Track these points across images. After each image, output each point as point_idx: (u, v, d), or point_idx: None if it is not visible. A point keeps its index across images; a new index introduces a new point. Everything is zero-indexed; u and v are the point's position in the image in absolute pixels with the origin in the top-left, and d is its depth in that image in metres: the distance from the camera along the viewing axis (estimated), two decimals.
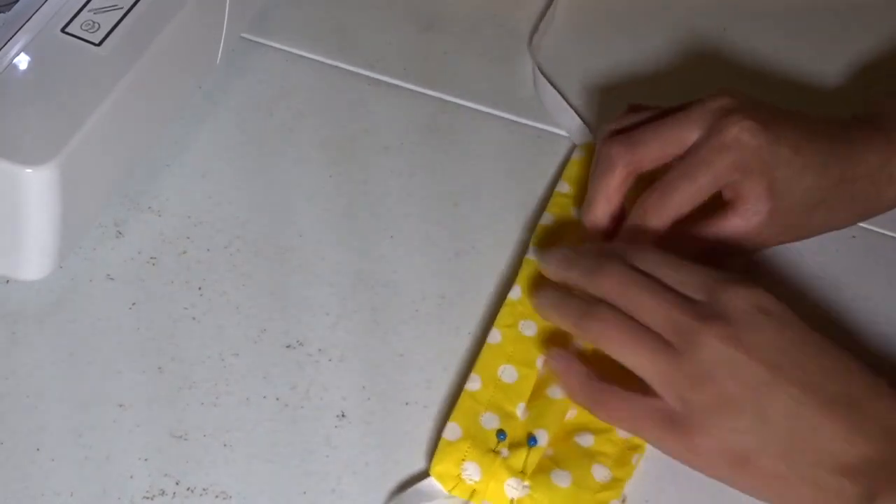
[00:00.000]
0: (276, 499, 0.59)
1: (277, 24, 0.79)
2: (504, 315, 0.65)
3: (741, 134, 0.64)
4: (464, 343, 0.65)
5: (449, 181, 0.73)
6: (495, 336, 0.64)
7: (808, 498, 0.56)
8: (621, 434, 0.61)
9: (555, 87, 0.77)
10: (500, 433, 0.60)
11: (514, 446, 0.60)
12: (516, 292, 0.66)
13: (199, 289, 0.66)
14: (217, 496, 0.59)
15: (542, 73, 0.78)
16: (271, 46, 0.78)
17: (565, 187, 0.71)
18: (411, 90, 0.77)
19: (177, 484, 0.59)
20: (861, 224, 0.72)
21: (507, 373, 0.63)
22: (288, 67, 0.77)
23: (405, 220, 0.70)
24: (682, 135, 0.66)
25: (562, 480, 0.59)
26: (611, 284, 0.60)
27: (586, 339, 0.61)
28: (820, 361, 0.57)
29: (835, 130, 0.68)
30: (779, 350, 0.57)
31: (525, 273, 0.67)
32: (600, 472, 0.60)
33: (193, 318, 0.65)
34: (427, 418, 0.62)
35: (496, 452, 0.60)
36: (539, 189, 0.72)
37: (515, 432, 0.61)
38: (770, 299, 0.58)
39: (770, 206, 0.65)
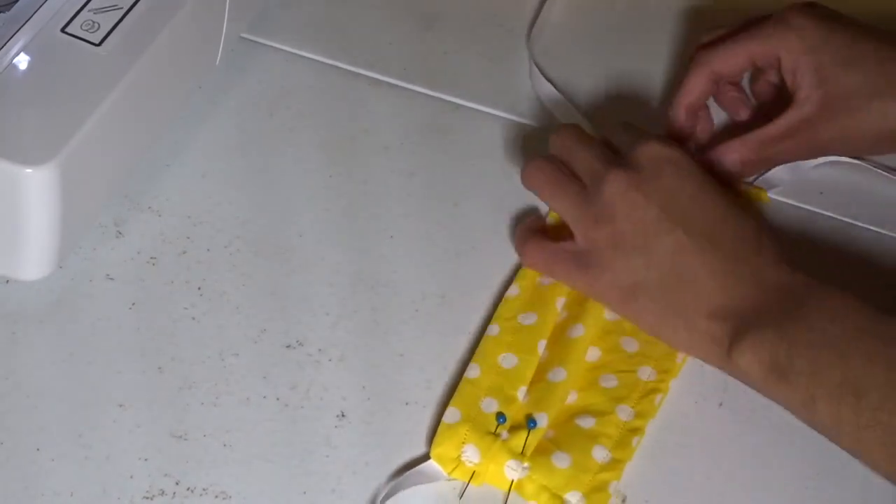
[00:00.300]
0: (276, 499, 0.59)
1: (277, 24, 0.79)
2: (503, 309, 0.65)
3: (799, 16, 0.69)
4: (464, 343, 0.65)
5: (449, 181, 0.73)
6: (494, 329, 0.65)
7: (684, 337, 0.62)
8: (622, 416, 0.61)
9: (550, 80, 0.77)
10: (500, 416, 0.60)
11: (513, 429, 0.60)
12: (514, 290, 0.66)
13: (199, 289, 0.66)
14: (217, 496, 0.59)
15: (538, 67, 0.78)
16: (271, 46, 0.78)
17: None
18: (411, 90, 0.77)
19: (177, 484, 0.59)
20: (862, 224, 0.72)
21: (507, 360, 0.63)
22: (288, 67, 0.77)
23: (405, 220, 0.70)
24: (762, 39, 0.70)
25: (561, 461, 0.59)
26: (561, 140, 0.67)
27: (527, 185, 0.67)
28: (712, 211, 0.62)
29: (893, 36, 0.70)
30: (673, 196, 0.62)
31: (523, 273, 0.67)
32: (600, 453, 0.60)
33: (193, 318, 0.65)
34: (427, 418, 0.62)
35: (496, 435, 0.60)
36: None
37: (515, 415, 0.61)
38: (681, 155, 0.63)
39: (822, 93, 0.68)
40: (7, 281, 0.64)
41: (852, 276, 0.70)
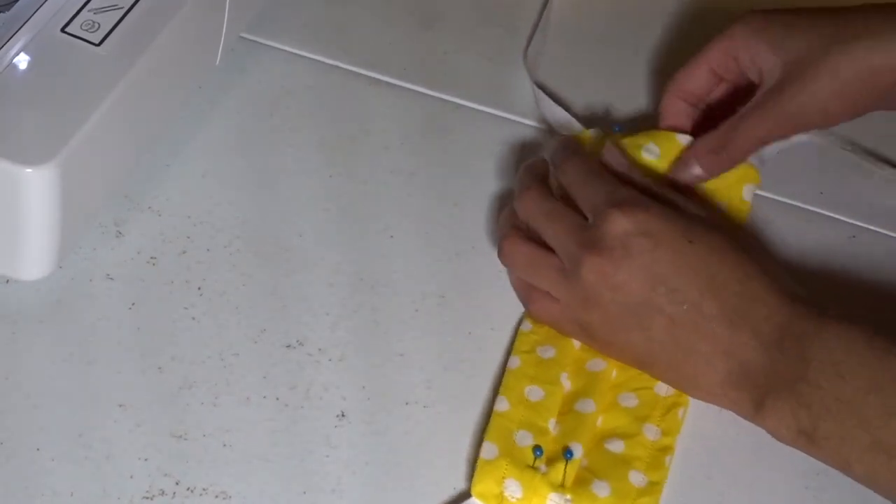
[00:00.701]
0: (276, 499, 0.59)
1: (277, 24, 0.79)
2: (520, 343, 0.65)
3: (743, 16, 0.70)
4: (464, 343, 0.65)
5: (449, 181, 0.73)
6: (514, 362, 0.64)
7: (710, 400, 0.62)
8: (649, 436, 0.61)
9: (554, 98, 0.77)
10: (537, 449, 0.60)
11: (551, 461, 0.60)
12: (526, 325, 0.66)
13: (199, 289, 0.66)
14: (217, 496, 0.59)
15: (540, 86, 0.78)
16: (271, 46, 0.78)
17: None
18: (411, 90, 0.77)
19: (177, 484, 0.59)
20: (861, 224, 0.72)
21: (534, 393, 0.63)
22: (288, 67, 0.77)
23: (405, 220, 0.70)
24: (715, 43, 0.70)
25: (601, 490, 0.59)
26: (526, 208, 0.65)
27: (505, 265, 0.66)
28: (695, 275, 0.60)
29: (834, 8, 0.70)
30: (652, 271, 0.60)
31: None
32: (637, 478, 0.60)
33: (193, 318, 0.65)
34: (427, 418, 0.62)
35: (535, 468, 0.60)
36: None
37: (550, 447, 0.61)
38: (648, 221, 0.61)
39: (779, 61, 0.68)
40: (7, 281, 0.64)
41: (853, 277, 0.70)
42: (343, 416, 0.62)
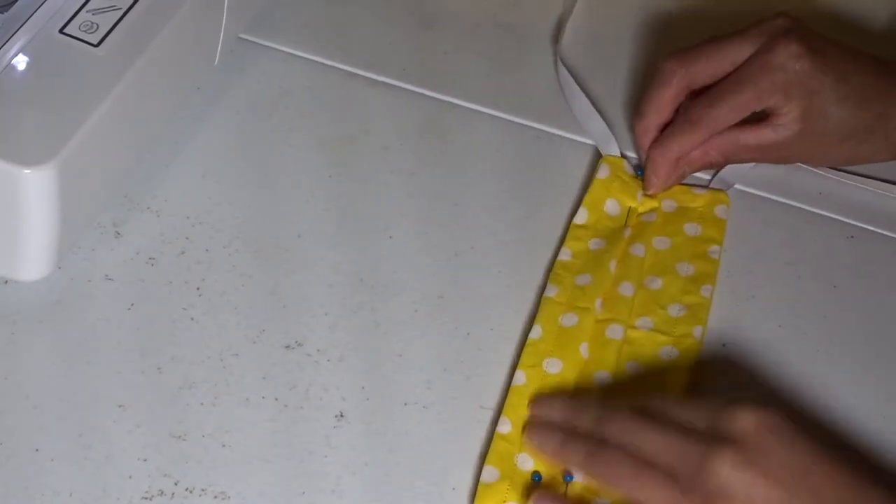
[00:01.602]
0: (275, 499, 0.59)
1: (276, 24, 0.79)
2: (527, 355, 0.64)
3: (788, 58, 0.68)
4: (463, 343, 0.65)
5: (449, 181, 0.73)
6: (520, 377, 0.64)
7: None
8: None
9: (586, 93, 0.77)
10: (536, 474, 0.60)
11: (551, 486, 0.60)
12: (537, 332, 0.65)
13: (198, 289, 0.66)
14: (216, 496, 0.59)
15: (574, 78, 0.78)
16: (270, 47, 0.78)
17: (583, 216, 0.71)
18: (411, 90, 0.77)
19: (176, 484, 0.59)
20: (861, 224, 0.72)
21: None
22: (287, 68, 0.77)
23: (405, 220, 0.70)
24: (736, 52, 0.69)
25: None
26: (617, 427, 0.59)
27: (593, 477, 0.60)
28: (832, 478, 0.56)
29: (881, 67, 0.70)
30: (791, 470, 0.56)
31: (545, 312, 0.66)
32: None
33: (192, 319, 0.65)
34: (426, 418, 0.62)
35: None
36: (538, 189, 0.72)
37: (550, 471, 0.60)
38: (775, 417, 0.57)
39: (801, 127, 0.68)
40: (6, 281, 0.65)
41: (853, 277, 0.70)
42: (342, 416, 0.62)
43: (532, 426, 0.62)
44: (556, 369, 0.64)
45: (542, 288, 0.67)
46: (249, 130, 0.74)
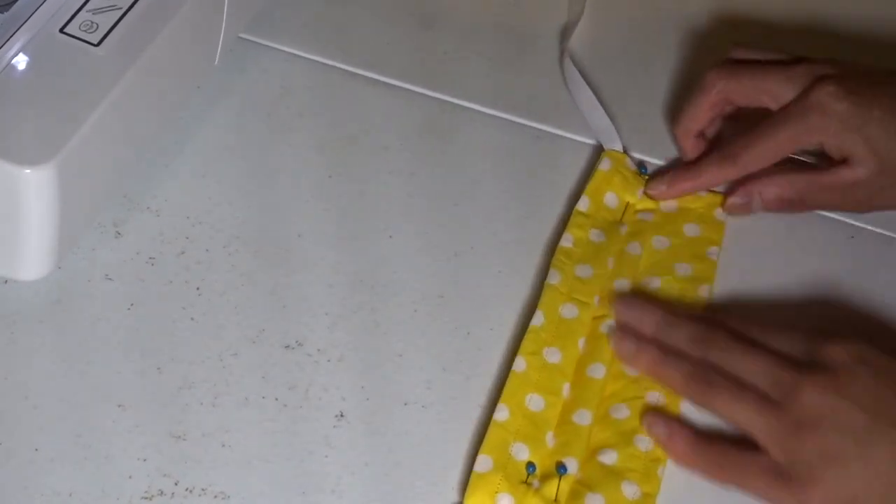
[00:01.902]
0: (275, 499, 0.59)
1: (276, 24, 0.79)
2: (528, 342, 0.64)
3: (824, 98, 0.68)
4: (463, 343, 0.65)
5: (449, 181, 0.73)
6: (520, 364, 0.64)
7: None
8: (641, 447, 0.61)
9: (591, 88, 0.77)
10: (530, 465, 0.60)
11: (544, 477, 0.60)
12: (539, 318, 0.65)
13: (198, 289, 0.66)
14: (216, 496, 0.59)
15: (580, 72, 0.78)
16: (270, 47, 0.78)
17: (585, 204, 0.71)
18: (411, 90, 0.77)
19: (175, 484, 0.59)
20: (861, 224, 0.72)
21: (534, 402, 0.63)
22: (287, 68, 0.77)
23: (405, 220, 0.70)
24: (779, 89, 0.70)
25: (595, 503, 0.59)
26: (716, 349, 0.62)
27: (692, 399, 0.62)
28: None
29: None
30: (878, 397, 0.58)
31: (547, 299, 0.66)
32: (630, 490, 0.60)
33: (192, 319, 0.65)
34: (426, 418, 0.62)
35: (528, 483, 0.60)
36: (538, 189, 0.72)
37: (545, 461, 0.61)
38: (868, 350, 0.60)
39: (876, 161, 0.68)
40: (6, 281, 0.64)
41: (853, 277, 0.70)
42: (342, 416, 0.62)
43: (624, 336, 0.64)
44: (555, 359, 0.64)
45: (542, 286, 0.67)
46: (249, 130, 0.74)
